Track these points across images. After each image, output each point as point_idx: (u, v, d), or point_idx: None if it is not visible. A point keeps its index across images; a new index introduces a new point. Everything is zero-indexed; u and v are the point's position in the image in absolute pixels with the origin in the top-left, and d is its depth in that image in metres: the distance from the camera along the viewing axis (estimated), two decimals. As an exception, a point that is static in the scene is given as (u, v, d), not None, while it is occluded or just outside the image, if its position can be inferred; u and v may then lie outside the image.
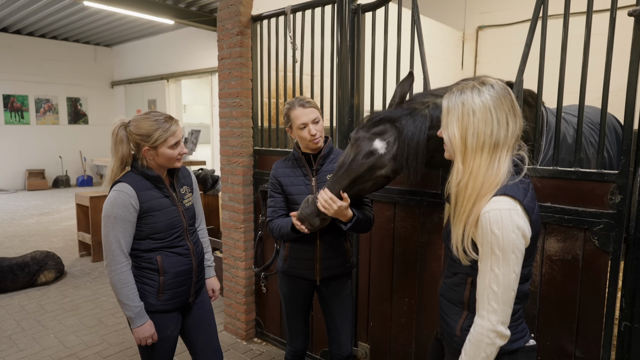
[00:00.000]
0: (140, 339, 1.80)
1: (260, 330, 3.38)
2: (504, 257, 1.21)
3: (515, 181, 1.26)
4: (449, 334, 1.43)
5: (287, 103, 2.08)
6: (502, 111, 1.25)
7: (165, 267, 1.84)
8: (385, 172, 1.70)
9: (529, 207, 1.25)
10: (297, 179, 2.10)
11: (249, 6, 3.09)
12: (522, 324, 1.37)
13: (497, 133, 1.24)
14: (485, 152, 1.24)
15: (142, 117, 1.81)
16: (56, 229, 6.97)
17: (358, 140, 1.75)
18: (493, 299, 1.23)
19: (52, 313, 3.86)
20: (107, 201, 1.75)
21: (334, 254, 2.11)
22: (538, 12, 1.92)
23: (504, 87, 1.28)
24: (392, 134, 1.69)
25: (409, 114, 1.68)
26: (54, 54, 11.46)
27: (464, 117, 1.26)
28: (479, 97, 1.25)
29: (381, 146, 1.69)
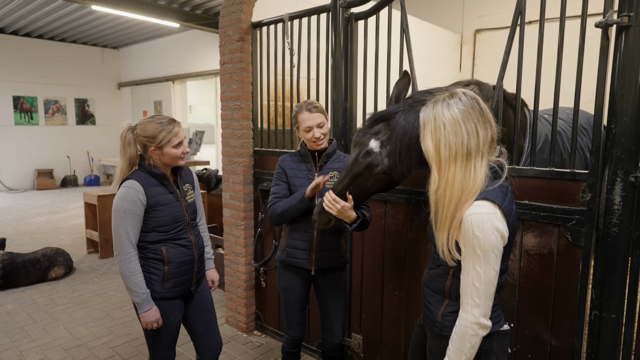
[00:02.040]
0: (146, 323, 1.95)
1: (260, 323, 3.53)
2: (485, 256, 1.33)
3: (495, 186, 1.37)
4: (431, 320, 1.57)
5: (296, 106, 2.28)
6: (471, 122, 1.35)
7: (169, 257, 2.00)
8: (381, 169, 1.76)
9: (507, 210, 1.36)
10: (301, 172, 2.27)
11: (249, 13, 3.24)
12: (497, 310, 1.50)
13: (468, 143, 1.34)
14: (458, 162, 1.35)
15: (148, 120, 1.97)
16: (65, 227, 7.16)
17: (358, 141, 1.86)
18: (476, 295, 1.36)
19: (62, 306, 4.04)
20: (117, 196, 1.91)
21: (328, 246, 2.28)
22: (516, 21, 2.05)
23: (472, 98, 1.39)
24: (386, 132, 1.78)
25: (403, 112, 1.77)
26: (62, 56, 11.70)
27: (436, 130, 1.38)
28: (448, 111, 1.36)
29: (375, 145, 1.77)
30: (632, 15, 1.68)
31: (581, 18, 1.84)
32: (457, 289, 1.44)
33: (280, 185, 2.30)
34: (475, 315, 1.37)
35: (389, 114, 1.79)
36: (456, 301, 1.46)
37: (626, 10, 1.69)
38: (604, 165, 1.82)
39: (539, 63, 2.00)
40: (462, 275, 1.39)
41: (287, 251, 2.29)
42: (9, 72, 10.89)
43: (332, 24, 2.72)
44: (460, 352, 1.40)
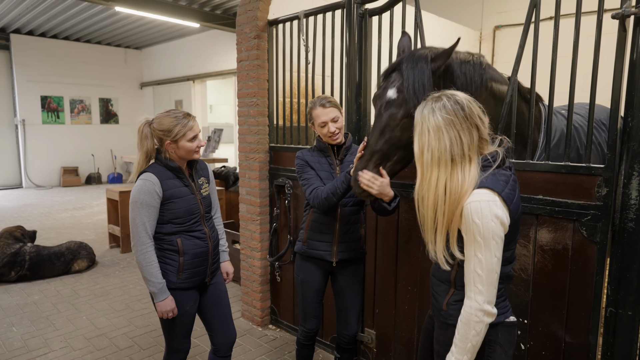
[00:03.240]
0: (162, 312, 2.01)
1: (275, 318, 3.57)
2: (485, 243, 1.34)
3: (488, 173, 1.39)
4: (437, 309, 1.59)
5: (310, 102, 2.30)
6: (453, 129, 1.38)
7: (184, 248, 2.05)
8: (404, 112, 1.79)
9: (508, 197, 1.37)
10: (323, 166, 2.29)
11: (265, 11, 3.28)
12: (504, 302, 1.50)
13: (451, 149, 1.38)
14: (442, 167, 1.39)
15: (164, 114, 2.03)
16: (88, 222, 7.38)
17: (376, 98, 1.89)
18: (478, 282, 1.38)
19: (84, 298, 4.17)
20: (135, 188, 1.98)
21: (350, 237, 2.30)
22: (531, 16, 2.03)
23: (456, 102, 1.41)
24: (399, 78, 1.84)
25: (406, 57, 1.84)
26: (87, 57, 12.04)
27: (422, 134, 1.43)
28: (432, 117, 1.40)
29: (392, 93, 1.84)
30: (649, 5, 1.64)
31: (597, 12, 1.81)
32: (462, 278, 1.45)
33: (308, 173, 2.26)
34: (479, 302, 1.38)
35: (396, 63, 1.87)
36: (461, 290, 1.48)
37: (644, 0, 1.66)
38: (620, 159, 1.79)
39: (554, 57, 1.98)
40: (465, 263, 1.41)
41: (309, 243, 2.31)
42: (38, 73, 11.26)
43: (346, 20, 2.73)
44: (465, 339, 1.41)
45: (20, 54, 10.93)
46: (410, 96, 1.76)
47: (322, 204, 2.17)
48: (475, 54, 2.04)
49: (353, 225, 2.31)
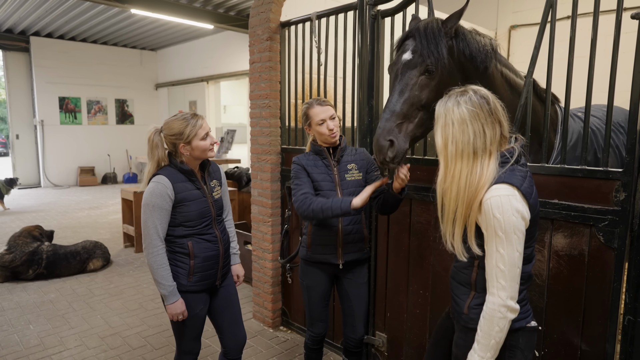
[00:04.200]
0: (172, 315, 2.02)
1: (286, 319, 3.57)
2: (507, 238, 1.34)
3: (506, 169, 1.39)
4: (457, 312, 1.57)
5: (305, 103, 2.29)
6: (478, 122, 1.39)
7: (195, 251, 2.06)
8: (421, 68, 1.86)
9: (527, 192, 1.38)
10: (320, 169, 2.28)
11: (277, 13, 3.28)
12: (525, 305, 1.48)
13: (474, 142, 1.39)
14: (464, 159, 1.40)
15: (171, 119, 2.05)
16: (104, 221, 7.49)
17: (391, 67, 1.95)
18: (501, 277, 1.37)
19: (99, 297, 4.23)
20: (147, 191, 1.99)
21: (354, 238, 2.29)
22: (547, 16, 1.99)
23: (482, 97, 1.42)
24: (412, 42, 1.91)
25: (421, 23, 1.93)
26: (104, 59, 12.23)
27: (445, 126, 1.44)
28: (457, 109, 1.41)
29: (407, 55, 1.90)
30: (671, 5, 1.59)
31: (616, 11, 1.77)
32: (483, 281, 1.44)
33: (302, 179, 2.25)
34: (502, 297, 1.37)
35: (407, 31, 1.95)
36: (482, 293, 1.46)
37: (665, 0, 1.61)
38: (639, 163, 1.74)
39: (570, 58, 1.93)
40: (486, 259, 1.40)
41: (313, 248, 2.30)
42: (56, 75, 11.49)
43: (358, 21, 2.72)
44: (489, 336, 1.40)
45: (40, 56, 11.17)
46: (426, 53, 1.81)
47: (308, 215, 2.12)
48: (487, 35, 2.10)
49: (356, 225, 2.30)
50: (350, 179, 2.28)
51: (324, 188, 2.23)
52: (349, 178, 2.27)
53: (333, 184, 2.25)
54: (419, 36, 1.86)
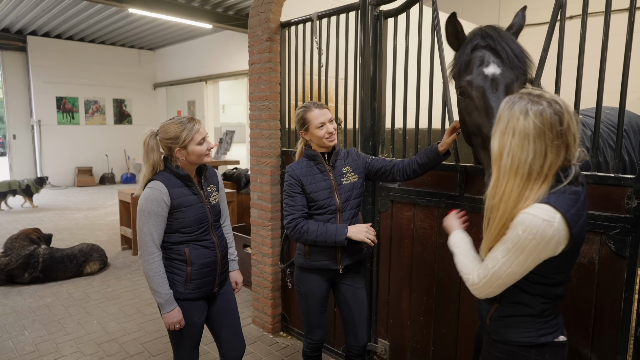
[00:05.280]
0: (169, 324, 1.96)
1: (286, 324, 3.51)
2: (513, 252, 1.26)
3: (557, 189, 1.24)
4: (482, 322, 1.54)
5: (301, 107, 2.23)
6: (542, 142, 1.22)
7: (192, 258, 2.00)
8: (518, 83, 1.68)
9: (572, 219, 1.22)
10: (316, 177, 2.21)
11: (277, 13, 3.22)
12: (553, 320, 1.40)
13: (532, 162, 1.22)
14: (517, 178, 1.24)
15: (168, 122, 1.98)
16: (101, 223, 7.42)
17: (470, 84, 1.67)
18: (484, 270, 1.34)
19: (96, 301, 4.16)
20: (142, 197, 1.93)
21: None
22: (556, 16, 1.93)
23: (555, 113, 1.22)
24: (489, 54, 1.68)
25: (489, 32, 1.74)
26: (101, 58, 12.15)
27: (505, 134, 1.27)
28: (523, 120, 1.23)
29: (493, 69, 1.66)
30: (687, 6, 1.54)
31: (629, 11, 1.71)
32: (509, 295, 1.39)
33: (296, 197, 2.17)
34: (473, 277, 1.39)
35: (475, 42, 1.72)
36: (507, 306, 1.41)
37: (680, 1, 1.55)
38: (653, 169, 1.68)
39: (580, 60, 1.88)
40: (488, 254, 1.37)
41: (312, 255, 2.24)
42: (53, 74, 11.40)
43: (361, 22, 2.66)
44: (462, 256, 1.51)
45: (37, 56, 11.08)
46: (517, 65, 1.63)
47: (299, 239, 2.15)
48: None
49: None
50: (347, 183, 2.22)
51: (321, 197, 2.17)
52: (345, 182, 2.22)
53: (330, 190, 2.19)
54: (500, 47, 1.65)
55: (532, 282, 1.33)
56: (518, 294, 1.37)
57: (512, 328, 1.40)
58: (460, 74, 1.63)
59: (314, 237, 2.10)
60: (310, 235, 2.10)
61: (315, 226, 2.11)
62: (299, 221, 2.14)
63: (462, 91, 1.62)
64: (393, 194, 2.60)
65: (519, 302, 1.38)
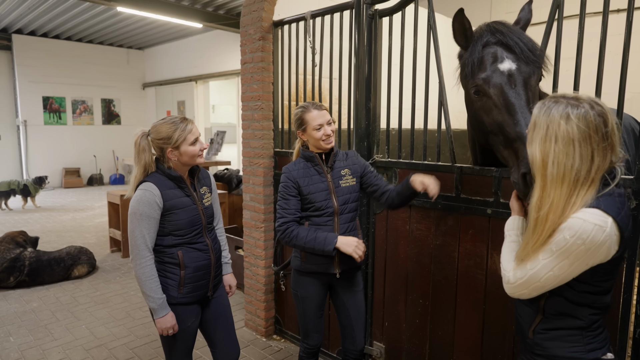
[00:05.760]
0: (162, 329, 1.91)
1: (279, 328, 3.47)
2: (557, 256, 1.17)
3: (604, 192, 1.17)
4: (522, 334, 1.43)
5: (299, 107, 2.18)
6: (588, 146, 1.15)
7: (185, 261, 1.95)
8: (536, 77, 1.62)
9: (624, 222, 1.16)
10: (313, 178, 2.17)
11: (270, 12, 3.18)
12: (602, 334, 1.31)
13: (579, 168, 1.15)
14: (565, 185, 1.17)
15: (160, 122, 1.93)
16: (90, 225, 7.29)
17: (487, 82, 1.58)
18: (522, 269, 1.26)
19: (84, 305, 4.07)
20: (134, 199, 1.87)
21: None
22: (554, 15, 1.92)
23: (599, 115, 1.17)
24: (502, 50, 1.61)
25: (497, 27, 1.67)
26: (89, 57, 11.97)
27: (546, 141, 1.19)
28: (565, 124, 1.16)
29: (508, 64, 1.58)
30: (686, 6, 1.53)
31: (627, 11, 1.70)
32: (554, 306, 1.29)
33: (290, 201, 2.13)
34: (510, 275, 1.31)
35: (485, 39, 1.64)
36: (551, 318, 1.30)
37: (679, 1, 1.54)
38: (651, 170, 1.68)
39: (578, 60, 1.87)
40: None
41: (309, 258, 2.19)
42: (39, 74, 11.20)
43: (355, 21, 2.62)
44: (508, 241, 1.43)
45: (22, 55, 10.87)
46: (532, 59, 1.56)
47: (289, 243, 2.10)
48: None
49: (352, 232, 2.21)
50: (345, 185, 2.19)
51: (318, 199, 2.13)
52: (344, 184, 2.19)
53: (328, 192, 2.15)
54: (512, 42, 1.59)
55: (579, 291, 1.24)
56: (564, 304, 1.27)
57: (558, 342, 1.30)
58: (474, 72, 1.57)
59: (302, 242, 2.07)
60: (299, 240, 2.07)
61: (305, 232, 2.07)
62: (290, 225, 2.11)
63: (478, 89, 1.55)
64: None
65: (565, 313, 1.28)
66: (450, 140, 2.27)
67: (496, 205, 2.09)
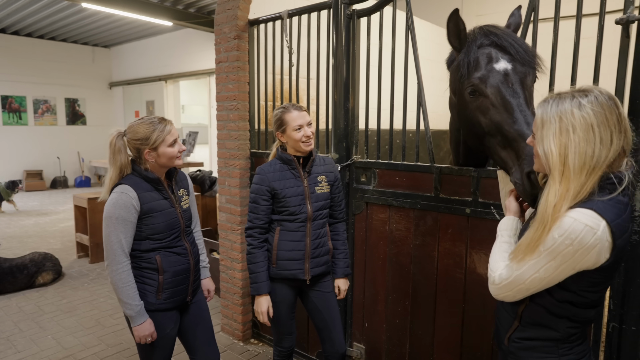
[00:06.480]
0: (140, 337, 1.83)
1: (257, 331, 3.41)
2: (544, 256, 1.12)
3: (606, 199, 1.11)
4: (498, 339, 1.41)
5: (280, 107, 2.15)
6: (607, 129, 1.10)
7: (164, 266, 1.88)
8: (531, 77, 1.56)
9: (618, 229, 1.09)
10: (289, 182, 2.14)
11: (246, 10, 3.12)
12: (580, 346, 1.26)
13: (599, 154, 1.10)
14: (584, 174, 1.11)
15: (137, 122, 1.86)
16: (54, 230, 6.98)
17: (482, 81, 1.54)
18: (508, 269, 1.21)
19: (50, 314, 3.88)
20: (109, 202, 1.79)
21: (321, 252, 2.20)
22: (529, 17, 1.96)
23: (609, 99, 1.13)
24: (495, 51, 1.57)
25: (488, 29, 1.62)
26: (52, 55, 11.48)
27: (562, 133, 1.12)
28: (579, 111, 1.11)
29: (504, 64, 1.55)
30: (655, 11, 1.59)
31: (599, 15, 1.76)
32: (532, 315, 1.25)
33: (259, 206, 2.12)
34: (497, 270, 1.24)
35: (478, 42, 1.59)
36: (528, 327, 1.27)
37: (648, 6, 1.61)
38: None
39: (553, 62, 1.91)
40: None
41: (279, 264, 2.16)
42: (-3, 71, 10.66)
43: (333, 21, 2.61)
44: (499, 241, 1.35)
45: (-22, 51, 10.33)
46: (527, 60, 1.53)
47: (247, 252, 2.16)
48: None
49: (322, 238, 2.21)
50: (320, 192, 2.18)
51: (293, 204, 2.11)
52: (319, 191, 2.18)
53: (303, 197, 2.13)
54: (506, 43, 1.57)
55: (559, 300, 1.18)
56: (542, 314, 1.23)
57: (531, 352, 1.27)
58: (469, 72, 1.56)
59: (249, 263, 2.15)
60: (249, 258, 2.15)
61: (258, 259, 2.13)
62: (255, 233, 2.14)
63: (474, 89, 1.55)
64: (368, 196, 2.57)
65: (541, 324, 1.24)
66: (429, 140, 2.29)
67: (475, 205, 2.13)
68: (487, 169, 2.07)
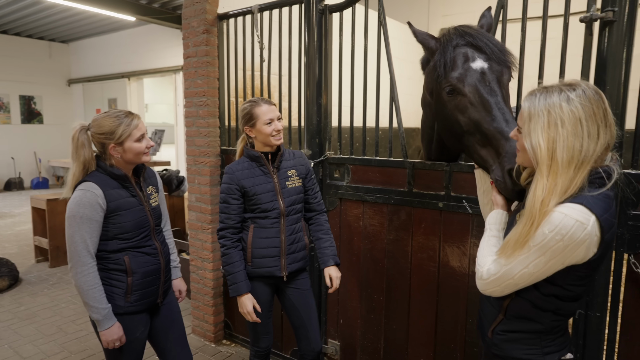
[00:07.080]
0: (107, 342, 1.75)
1: (229, 332, 3.35)
2: (534, 252, 1.13)
3: (595, 193, 1.11)
4: (482, 332, 1.42)
5: (248, 101, 2.12)
6: (594, 123, 1.11)
7: (133, 267, 1.80)
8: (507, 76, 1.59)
9: (607, 224, 1.10)
10: (259, 179, 2.10)
11: (215, 4, 3.05)
12: (560, 337, 1.30)
13: (587, 148, 1.10)
14: (572, 169, 1.11)
15: (102, 116, 1.77)
16: (9, 233, 6.61)
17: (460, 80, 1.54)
18: (496, 264, 1.21)
19: (5, 322, 3.67)
20: (72, 201, 1.70)
21: (296, 248, 2.18)
22: (498, 17, 2.01)
23: (596, 93, 1.14)
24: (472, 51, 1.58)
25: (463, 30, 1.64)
26: (4, 50, 10.86)
27: (550, 127, 1.12)
28: (567, 105, 1.11)
29: (480, 63, 1.56)
30: (616, 10, 1.66)
31: (564, 14, 1.82)
32: (517, 309, 1.27)
33: (231, 205, 2.09)
34: (487, 265, 1.24)
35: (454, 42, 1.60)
36: (512, 320, 1.29)
37: (610, 5, 1.68)
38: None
39: (521, 59, 1.97)
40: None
41: (255, 262, 2.12)
42: (-57, 66, 9.99)
43: (305, 16, 2.59)
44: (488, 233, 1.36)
45: None
46: (502, 59, 1.54)
47: (222, 253, 2.13)
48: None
49: (298, 234, 2.19)
50: (291, 187, 2.16)
51: (264, 200, 2.08)
52: (290, 185, 2.15)
53: (274, 193, 2.10)
54: (481, 43, 1.58)
55: (545, 294, 1.20)
56: (527, 308, 1.25)
57: (515, 344, 1.29)
58: (447, 72, 1.57)
59: (224, 264, 2.11)
60: (224, 259, 2.11)
61: (234, 258, 2.09)
62: (228, 234, 2.10)
63: (452, 89, 1.55)
64: (341, 192, 2.56)
65: (526, 317, 1.26)
66: (402, 136, 2.31)
67: (447, 199, 2.16)
68: (459, 164, 2.11)
